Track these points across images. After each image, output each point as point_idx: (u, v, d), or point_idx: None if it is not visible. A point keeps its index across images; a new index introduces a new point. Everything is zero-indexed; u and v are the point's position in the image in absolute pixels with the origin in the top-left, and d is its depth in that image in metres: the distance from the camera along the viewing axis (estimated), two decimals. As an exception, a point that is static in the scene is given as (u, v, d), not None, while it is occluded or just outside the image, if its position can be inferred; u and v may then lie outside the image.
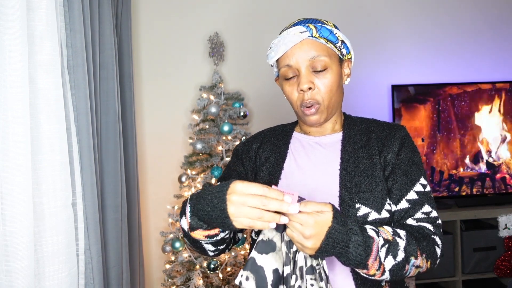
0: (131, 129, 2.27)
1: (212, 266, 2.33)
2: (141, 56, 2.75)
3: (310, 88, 1.08)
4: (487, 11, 3.02)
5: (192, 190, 2.47)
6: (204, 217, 0.90)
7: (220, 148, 2.48)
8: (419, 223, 1.05)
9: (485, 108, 2.89)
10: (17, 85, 1.15)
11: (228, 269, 2.41)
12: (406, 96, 2.84)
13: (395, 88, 2.83)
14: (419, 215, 1.06)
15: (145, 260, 2.59)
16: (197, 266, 2.36)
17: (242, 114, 2.51)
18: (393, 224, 1.07)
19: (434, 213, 1.07)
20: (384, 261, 0.93)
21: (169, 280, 2.43)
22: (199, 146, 2.47)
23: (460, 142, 2.88)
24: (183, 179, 2.47)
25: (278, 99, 1.92)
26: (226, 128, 2.44)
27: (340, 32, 1.15)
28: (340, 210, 1.04)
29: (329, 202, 0.92)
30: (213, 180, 2.44)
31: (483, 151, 2.89)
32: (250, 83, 2.80)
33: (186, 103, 2.75)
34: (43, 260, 1.27)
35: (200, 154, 2.50)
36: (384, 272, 0.94)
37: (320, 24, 1.11)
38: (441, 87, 2.87)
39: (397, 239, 0.96)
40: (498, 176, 2.90)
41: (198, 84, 2.70)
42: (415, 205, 1.06)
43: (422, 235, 1.02)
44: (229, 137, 2.48)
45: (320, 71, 1.09)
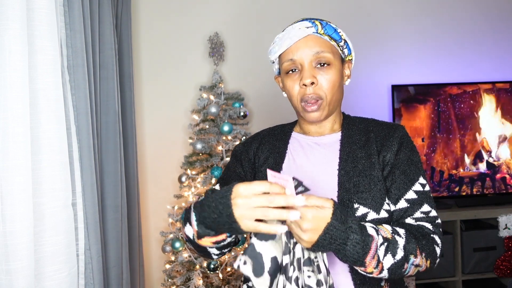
0: (131, 129, 2.27)
1: (212, 266, 2.33)
2: (141, 56, 2.75)
3: (313, 83, 1.08)
4: (487, 11, 3.02)
5: (192, 190, 2.47)
6: (211, 224, 0.90)
7: (220, 148, 2.48)
8: (418, 222, 1.05)
9: (485, 108, 2.89)
10: (17, 85, 1.15)
11: (228, 269, 2.41)
12: (406, 96, 2.84)
13: (395, 88, 2.83)
14: (418, 214, 1.06)
15: (145, 260, 2.59)
16: (197, 266, 2.36)
17: (242, 114, 2.51)
18: (392, 224, 1.07)
19: (433, 213, 1.07)
20: (382, 260, 0.93)
21: (169, 280, 2.43)
22: (199, 146, 2.47)
23: (460, 142, 2.88)
24: (183, 179, 2.47)
25: (278, 99, 1.92)
26: (226, 128, 2.44)
27: (344, 32, 1.16)
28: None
29: (331, 198, 0.93)
30: (213, 180, 2.44)
31: (483, 151, 2.89)
32: (250, 83, 2.80)
33: (186, 103, 2.75)
34: (43, 260, 1.27)
35: (200, 154, 2.50)
36: (382, 270, 0.94)
37: (325, 22, 1.12)
38: (441, 87, 2.87)
39: (396, 237, 0.96)
40: (498, 176, 2.90)
41: (198, 84, 2.70)
42: (414, 205, 1.06)
43: (421, 234, 1.02)
44: (229, 137, 2.48)
45: (323, 66, 1.09)
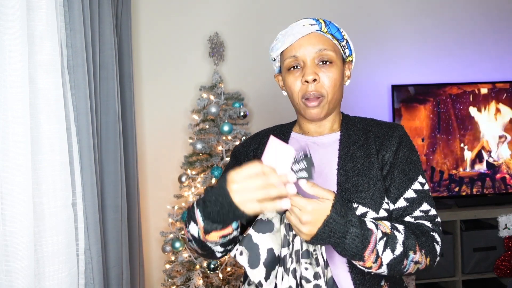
0: (131, 129, 2.27)
1: (212, 266, 2.33)
2: (141, 56, 2.75)
3: (315, 80, 1.08)
4: (487, 11, 3.02)
5: (192, 190, 2.47)
6: (217, 217, 0.91)
7: (220, 148, 2.48)
8: (418, 221, 1.06)
9: (485, 108, 2.89)
10: (17, 85, 1.15)
11: (228, 269, 2.41)
12: (406, 96, 2.84)
13: (395, 88, 2.83)
14: (417, 213, 1.06)
15: (145, 260, 2.59)
16: (197, 266, 2.36)
17: (242, 114, 2.51)
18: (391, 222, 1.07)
19: (433, 211, 1.07)
20: (382, 255, 0.93)
21: (169, 280, 2.43)
22: (199, 146, 2.47)
23: (460, 142, 2.88)
24: (183, 179, 2.47)
25: (278, 99, 1.92)
26: (226, 128, 2.44)
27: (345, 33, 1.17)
28: None
29: (333, 191, 0.93)
30: (213, 180, 2.44)
31: (483, 151, 2.89)
32: (250, 83, 2.80)
33: (186, 103, 2.75)
34: (43, 260, 1.27)
35: (200, 154, 2.50)
36: (381, 265, 0.94)
37: (328, 21, 1.13)
38: (441, 87, 2.87)
39: (395, 232, 0.97)
40: (498, 176, 2.90)
41: (198, 84, 2.70)
42: (414, 204, 1.06)
43: (421, 231, 1.02)
44: (229, 137, 2.48)
45: (326, 64, 1.09)
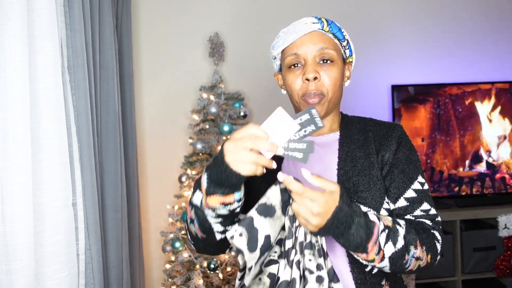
0: (131, 129, 2.27)
1: (212, 266, 2.33)
2: (141, 56, 2.75)
3: (316, 78, 1.08)
4: (487, 11, 3.02)
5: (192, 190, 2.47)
6: (216, 179, 0.92)
7: (220, 148, 2.48)
8: (418, 219, 1.06)
9: (485, 108, 2.89)
10: (17, 85, 1.15)
11: (228, 269, 2.41)
12: (406, 96, 2.84)
13: (395, 88, 2.83)
14: (418, 212, 1.07)
15: (145, 260, 2.58)
16: (197, 266, 2.36)
17: (242, 114, 2.51)
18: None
19: (433, 211, 1.08)
20: (384, 247, 0.94)
21: (169, 280, 2.43)
22: (199, 146, 2.47)
23: (460, 142, 2.88)
24: (183, 179, 2.47)
25: (278, 99, 1.91)
26: (226, 128, 2.44)
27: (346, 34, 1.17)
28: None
29: (337, 183, 0.95)
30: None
31: (482, 151, 2.89)
32: (250, 83, 2.80)
33: (186, 103, 2.75)
34: (43, 260, 1.27)
35: (200, 154, 2.50)
36: (383, 258, 0.95)
37: (330, 20, 1.13)
38: (441, 87, 2.87)
39: (397, 226, 0.98)
40: (497, 176, 2.90)
41: (198, 84, 2.69)
42: (414, 203, 1.07)
43: (421, 228, 1.03)
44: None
45: (327, 63, 1.09)
